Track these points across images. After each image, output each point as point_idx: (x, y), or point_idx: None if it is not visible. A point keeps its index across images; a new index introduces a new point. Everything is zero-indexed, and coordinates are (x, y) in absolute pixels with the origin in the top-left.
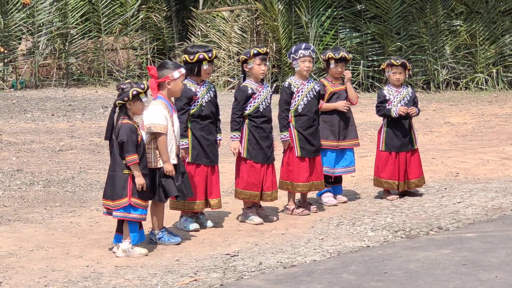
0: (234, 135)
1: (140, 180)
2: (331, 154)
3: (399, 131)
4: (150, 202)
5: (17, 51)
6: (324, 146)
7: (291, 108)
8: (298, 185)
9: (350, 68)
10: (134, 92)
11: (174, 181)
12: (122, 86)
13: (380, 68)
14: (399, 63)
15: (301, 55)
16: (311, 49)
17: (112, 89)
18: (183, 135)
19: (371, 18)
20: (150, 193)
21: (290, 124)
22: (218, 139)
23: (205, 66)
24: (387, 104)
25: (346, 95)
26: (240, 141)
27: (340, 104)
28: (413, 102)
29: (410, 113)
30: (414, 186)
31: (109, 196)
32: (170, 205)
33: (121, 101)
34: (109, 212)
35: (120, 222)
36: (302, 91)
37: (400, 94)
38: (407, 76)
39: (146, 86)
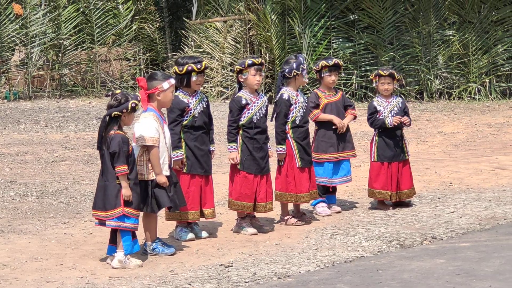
0: (231, 147)
1: (126, 192)
2: (328, 165)
3: (391, 142)
4: (141, 213)
5: (10, 62)
6: (324, 159)
7: (288, 120)
8: (301, 196)
9: (343, 78)
10: (133, 105)
11: (167, 192)
12: (118, 97)
13: (369, 79)
14: (386, 74)
15: (305, 67)
16: None
17: (105, 100)
18: (177, 146)
19: (364, 28)
20: (141, 204)
21: (288, 135)
22: (211, 149)
23: (193, 78)
24: (377, 115)
25: (339, 107)
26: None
27: (337, 120)
28: (403, 112)
29: (404, 122)
30: (406, 196)
31: (101, 206)
32: (165, 216)
33: (119, 112)
34: (101, 222)
35: (114, 233)
36: (298, 103)
37: (390, 105)
38: (396, 86)
39: (140, 97)
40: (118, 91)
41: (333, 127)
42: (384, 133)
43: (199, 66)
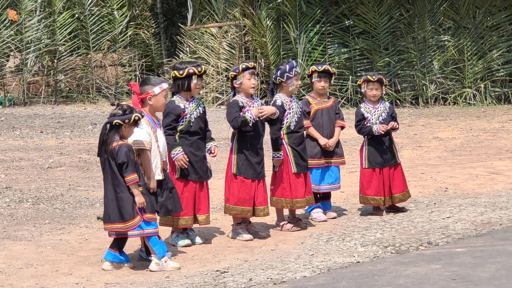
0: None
1: (140, 199)
2: (316, 171)
3: (381, 147)
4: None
5: (5, 68)
6: (311, 164)
7: (283, 126)
8: (297, 201)
9: (339, 83)
10: (136, 118)
11: (157, 197)
12: (124, 107)
13: (357, 84)
14: (375, 79)
15: (295, 73)
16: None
17: (101, 106)
18: (174, 145)
19: (359, 34)
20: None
21: (283, 141)
22: (213, 145)
23: (194, 81)
24: (365, 122)
25: (331, 113)
26: (230, 157)
27: (323, 142)
28: (391, 117)
29: (392, 128)
30: (398, 200)
31: (117, 218)
32: (159, 221)
33: (120, 121)
34: (118, 233)
35: (116, 239)
36: (292, 109)
37: (378, 110)
38: (384, 92)
39: (144, 115)
40: (125, 103)
41: (326, 146)
42: (373, 139)
43: (199, 69)
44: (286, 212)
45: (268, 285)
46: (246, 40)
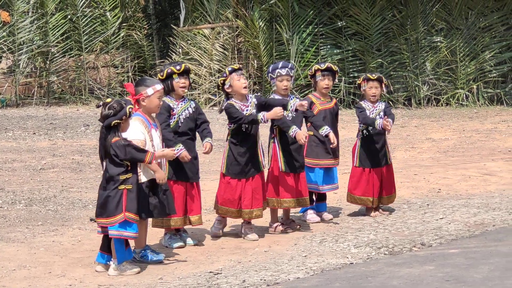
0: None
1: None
2: (319, 172)
3: (373, 147)
4: None
5: None
6: (320, 165)
7: (275, 124)
8: (284, 201)
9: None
10: (130, 110)
11: (154, 198)
12: (114, 105)
13: (356, 84)
14: (375, 77)
15: (278, 74)
16: (289, 67)
17: (93, 107)
18: (175, 142)
19: (352, 35)
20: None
21: (275, 139)
22: (206, 141)
23: (175, 80)
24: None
25: (333, 115)
26: (223, 157)
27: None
28: (388, 115)
29: (388, 128)
30: (387, 202)
31: (103, 214)
32: (152, 223)
33: (118, 121)
34: (104, 231)
35: (105, 240)
36: None
37: (376, 109)
38: (384, 91)
39: (132, 101)
40: (109, 100)
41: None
42: (367, 139)
43: (178, 67)
44: (280, 213)
45: (261, 286)
46: (238, 41)
